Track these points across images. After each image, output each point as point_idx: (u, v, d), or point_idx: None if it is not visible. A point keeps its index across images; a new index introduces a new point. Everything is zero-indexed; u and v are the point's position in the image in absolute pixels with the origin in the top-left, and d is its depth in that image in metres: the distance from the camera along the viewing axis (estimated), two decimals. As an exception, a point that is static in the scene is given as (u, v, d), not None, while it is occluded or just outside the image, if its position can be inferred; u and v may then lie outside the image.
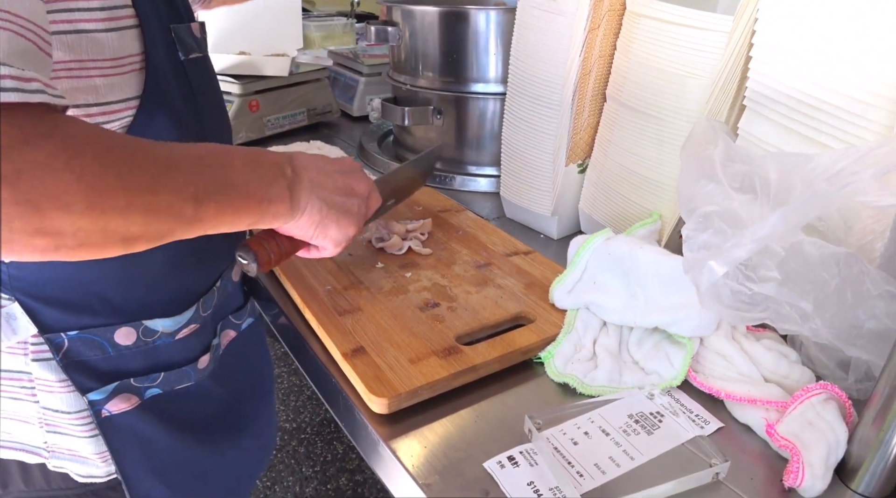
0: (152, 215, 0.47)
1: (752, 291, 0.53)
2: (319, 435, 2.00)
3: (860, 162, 0.48)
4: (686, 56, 0.76)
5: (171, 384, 0.70)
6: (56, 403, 0.65)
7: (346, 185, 0.65)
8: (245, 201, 0.54)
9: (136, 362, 0.67)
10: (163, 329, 0.67)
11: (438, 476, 0.56)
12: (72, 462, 0.68)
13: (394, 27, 1.23)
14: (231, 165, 0.54)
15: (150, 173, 0.47)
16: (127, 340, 0.65)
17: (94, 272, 0.61)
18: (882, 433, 0.54)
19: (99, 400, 0.65)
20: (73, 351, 0.63)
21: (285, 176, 0.59)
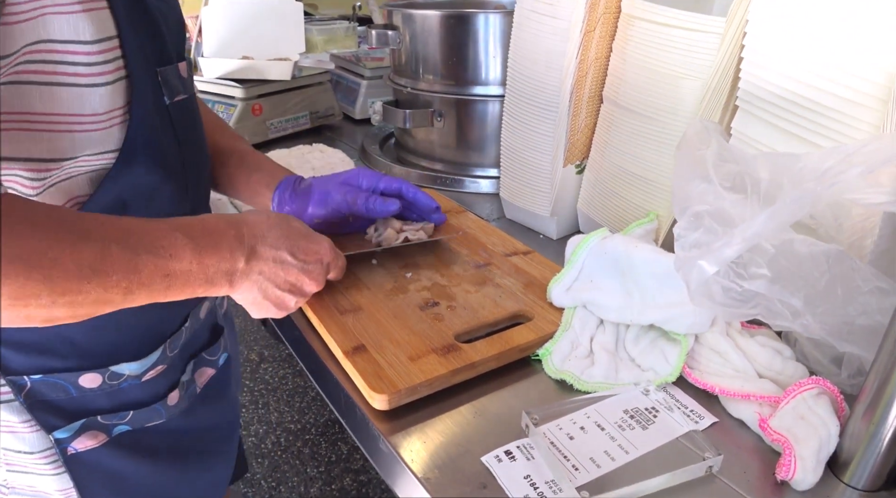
0: (77, 306, 0.48)
1: (743, 288, 0.54)
2: (324, 436, 2.01)
3: (847, 161, 0.49)
4: (680, 58, 0.77)
5: (140, 422, 0.69)
6: (18, 444, 0.63)
7: (296, 282, 0.66)
8: (181, 289, 0.55)
9: (102, 402, 0.66)
10: (129, 372, 0.66)
11: (437, 470, 0.57)
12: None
13: (394, 31, 1.25)
14: (178, 256, 0.54)
15: (80, 276, 0.47)
16: (92, 383, 0.65)
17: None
18: (872, 427, 0.55)
19: (65, 438, 0.64)
20: (35, 392, 0.62)
21: (235, 269, 0.59)
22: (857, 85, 0.58)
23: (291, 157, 1.33)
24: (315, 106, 1.54)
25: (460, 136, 1.24)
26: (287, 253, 0.64)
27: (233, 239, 0.59)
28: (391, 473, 0.61)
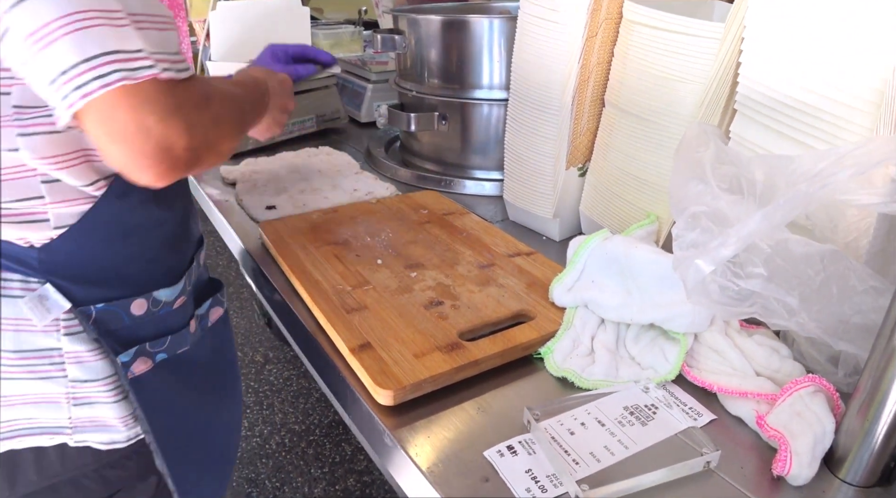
0: (244, 135, 0.82)
1: (740, 286, 0.56)
2: (328, 437, 2.03)
3: (839, 163, 0.51)
4: (680, 62, 0.79)
5: (173, 349, 0.80)
6: (85, 374, 0.72)
7: (283, 105, 1.02)
8: (257, 120, 0.90)
9: (147, 330, 0.76)
10: (165, 298, 0.78)
11: (441, 464, 0.59)
12: (95, 432, 0.75)
13: (400, 35, 1.27)
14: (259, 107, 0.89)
15: (245, 115, 0.78)
16: (140, 310, 0.75)
17: (111, 252, 0.71)
18: (867, 424, 0.56)
19: (126, 362, 0.73)
20: (99, 321, 0.71)
21: (265, 102, 0.92)
22: (850, 89, 0.60)
23: (298, 159, 1.35)
24: (321, 109, 1.56)
25: (464, 139, 1.26)
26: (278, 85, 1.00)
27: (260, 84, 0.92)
28: (396, 467, 0.62)
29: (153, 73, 0.56)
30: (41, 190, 0.65)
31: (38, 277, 0.68)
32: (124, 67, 0.54)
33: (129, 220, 0.71)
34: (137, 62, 0.55)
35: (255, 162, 1.33)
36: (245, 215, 1.11)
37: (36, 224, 0.66)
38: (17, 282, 0.68)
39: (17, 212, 0.65)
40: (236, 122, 0.71)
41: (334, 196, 1.15)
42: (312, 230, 0.97)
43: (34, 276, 0.68)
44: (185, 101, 0.59)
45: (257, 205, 1.12)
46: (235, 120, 0.70)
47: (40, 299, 0.68)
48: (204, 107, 0.62)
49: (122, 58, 0.54)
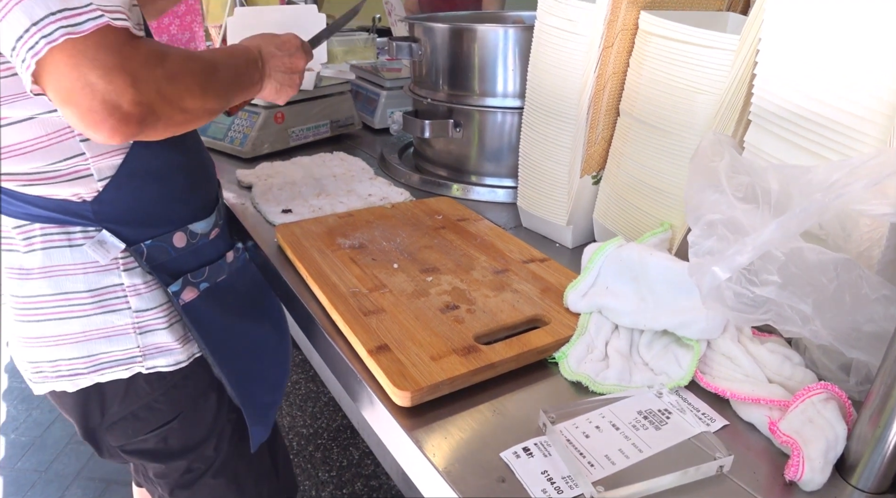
0: (221, 98, 0.80)
1: (754, 293, 0.57)
2: (335, 440, 2.04)
3: (853, 173, 0.52)
4: (695, 73, 0.80)
5: (213, 278, 0.93)
6: (143, 303, 0.85)
7: (291, 64, 0.99)
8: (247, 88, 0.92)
9: (189, 261, 0.90)
10: (201, 231, 0.91)
11: (458, 464, 0.60)
12: (161, 357, 0.88)
13: (416, 43, 1.28)
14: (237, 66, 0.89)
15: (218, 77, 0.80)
16: (181, 242, 0.88)
17: (147, 195, 0.83)
18: (878, 430, 0.57)
19: (177, 290, 0.86)
20: (150, 256, 0.85)
21: (258, 68, 0.93)
22: (863, 101, 0.61)
23: (313, 164, 1.37)
24: (335, 115, 1.58)
25: (478, 146, 1.27)
26: (276, 49, 0.97)
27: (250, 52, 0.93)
28: (412, 467, 0.64)
29: (101, 22, 0.60)
30: (81, 148, 0.75)
31: (94, 226, 0.80)
32: (69, 23, 0.59)
33: (156, 165, 0.82)
34: (84, 15, 0.60)
35: (271, 166, 1.34)
36: (260, 218, 1.12)
37: (83, 179, 0.77)
38: (79, 232, 0.80)
39: (65, 171, 0.76)
40: (203, 81, 0.74)
41: (349, 201, 1.16)
42: (328, 234, 0.98)
43: (91, 225, 0.80)
44: (132, 57, 0.63)
45: (273, 209, 1.13)
46: (202, 79, 0.74)
47: (100, 243, 0.80)
48: (156, 63, 0.66)
49: (68, 14, 0.59)
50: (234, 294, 0.98)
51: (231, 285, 0.98)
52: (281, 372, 1.10)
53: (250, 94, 0.94)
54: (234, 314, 0.97)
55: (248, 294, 1.02)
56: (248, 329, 1.00)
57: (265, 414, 1.03)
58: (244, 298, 1.01)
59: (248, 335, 1.00)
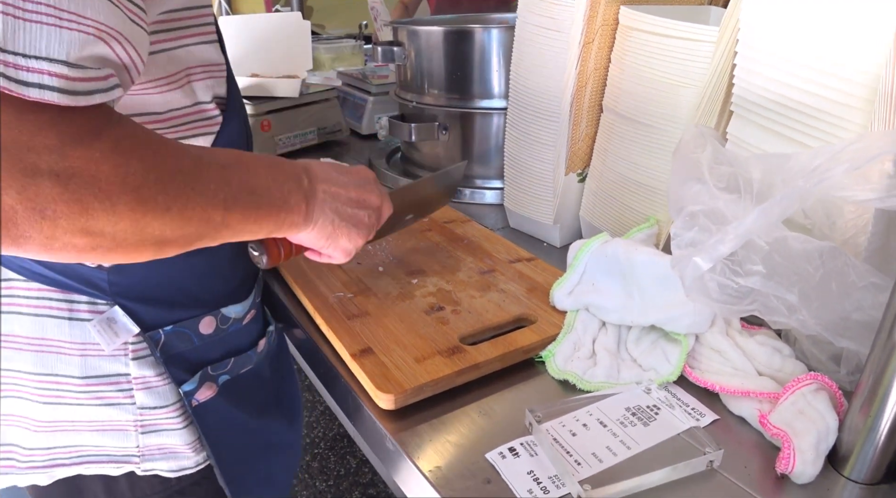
0: (186, 221, 0.49)
1: (739, 284, 0.56)
2: (332, 450, 2.02)
3: (835, 159, 0.51)
4: (676, 66, 0.79)
5: (236, 369, 0.78)
6: (152, 400, 0.70)
7: (358, 197, 0.68)
8: (267, 209, 0.57)
9: (214, 351, 0.75)
10: (234, 315, 0.76)
11: (443, 467, 0.58)
12: (163, 460, 0.73)
13: (399, 47, 1.28)
14: (254, 172, 0.56)
15: (187, 179, 0.49)
16: (209, 328, 0.73)
17: (181, 270, 0.69)
18: (870, 420, 0.56)
19: (190, 390, 0.71)
20: (168, 345, 0.70)
21: (302, 186, 0.61)
22: (844, 87, 0.60)
23: (300, 171, 1.35)
24: (322, 122, 1.57)
25: (465, 148, 1.26)
26: (335, 173, 0.67)
27: (287, 163, 0.62)
28: (397, 471, 0.62)
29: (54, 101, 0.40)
30: None
31: (106, 300, 0.66)
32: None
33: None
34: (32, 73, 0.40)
35: (258, 174, 1.33)
36: (247, 226, 1.11)
37: None
38: (85, 304, 0.65)
39: None
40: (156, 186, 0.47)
41: (336, 206, 1.15)
42: (314, 239, 0.97)
43: (102, 297, 0.65)
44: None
45: (259, 216, 1.12)
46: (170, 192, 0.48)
47: (108, 322, 0.66)
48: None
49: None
50: (256, 385, 0.83)
51: (255, 375, 0.82)
52: (287, 476, 0.95)
53: (283, 224, 0.60)
54: (252, 410, 0.82)
55: (271, 384, 0.87)
56: (263, 427, 0.84)
57: None
58: (267, 389, 0.86)
59: (262, 434, 0.84)
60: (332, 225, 0.65)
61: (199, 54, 0.65)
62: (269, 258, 0.68)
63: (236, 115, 0.71)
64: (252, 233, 0.57)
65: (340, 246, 0.68)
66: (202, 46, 0.66)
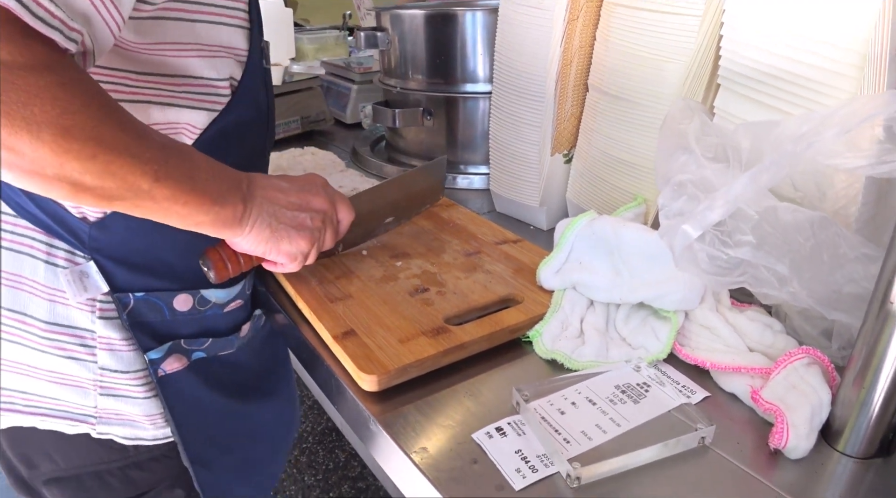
0: (109, 175, 0.50)
1: (729, 255, 0.55)
2: (321, 444, 2.00)
3: (824, 123, 0.50)
4: (662, 41, 0.78)
5: (215, 350, 0.77)
6: (115, 363, 0.70)
7: (300, 201, 0.68)
8: (199, 197, 0.57)
9: (188, 327, 0.74)
10: (215, 300, 0.75)
11: (428, 448, 0.57)
12: (119, 426, 0.72)
13: (382, 32, 1.26)
14: (195, 163, 0.58)
15: (123, 137, 0.51)
16: (184, 306, 0.72)
17: (164, 238, 0.67)
18: (863, 393, 0.55)
19: (157, 359, 0.71)
20: (136, 311, 0.70)
21: (241, 189, 0.62)
22: (833, 54, 0.59)
23: (283, 159, 1.33)
24: (306, 111, 1.55)
25: (450, 134, 1.25)
26: (277, 179, 0.68)
27: (229, 168, 0.62)
28: (382, 453, 0.61)
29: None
30: None
31: (84, 253, 0.67)
32: None
33: None
34: None
35: (239, 163, 1.31)
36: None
37: None
38: (64, 251, 0.67)
39: None
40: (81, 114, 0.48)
41: (319, 193, 1.13)
42: (296, 225, 0.95)
43: (81, 250, 0.67)
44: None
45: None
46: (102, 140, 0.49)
47: (80, 275, 0.66)
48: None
49: None
50: (238, 370, 0.81)
51: (237, 360, 0.80)
52: (273, 466, 0.93)
53: (216, 219, 0.59)
54: (233, 394, 0.80)
55: (257, 370, 0.85)
56: (246, 413, 0.82)
57: None
58: (251, 375, 0.84)
59: (244, 421, 0.82)
60: (270, 228, 0.65)
61: (220, 34, 0.66)
62: (216, 271, 0.67)
63: (250, 104, 0.71)
64: (179, 218, 0.57)
65: (283, 250, 0.67)
66: (227, 28, 0.67)
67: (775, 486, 0.53)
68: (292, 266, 0.70)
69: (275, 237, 0.65)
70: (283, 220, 0.66)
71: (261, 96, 0.75)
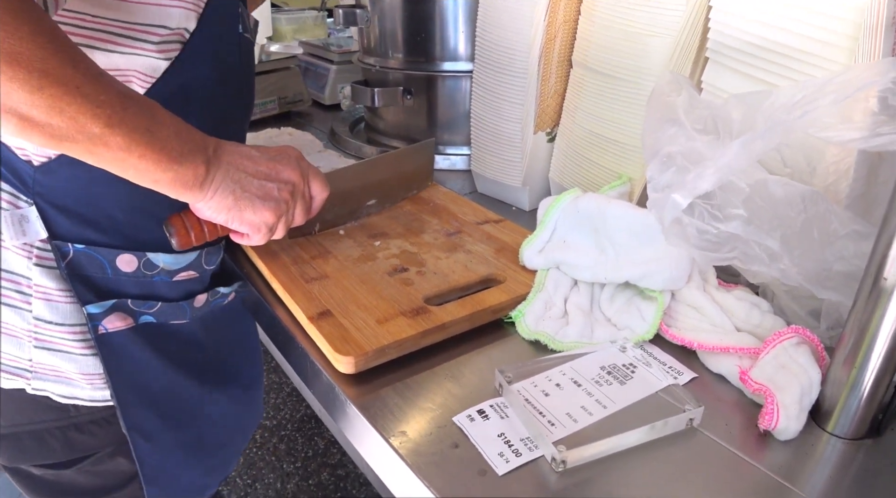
0: (57, 111, 0.48)
1: (719, 229, 0.53)
2: (300, 431, 1.98)
3: (819, 91, 0.48)
4: (648, 15, 0.75)
5: (166, 316, 0.72)
6: (51, 314, 0.66)
7: (269, 170, 0.64)
8: (157, 151, 0.54)
9: (133, 289, 0.69)
10: (163, 265, 0.70)
11: (407, 431, 0.55)
12: (55, 383, 0.69)
13: (362, 9, 1.22)
14: (157, 117, 0.54)
15: (74, 74, 0.48)
16: (128, 267, 0.68)
17: (111, 191, 0.64)
18: (854, 372, 0.54)
19: (97, 314, 0.66)
20: (76, 263, 0.65)
21: (206, 152, 0.58)
22: (824, 23, 0.57)
23: (259, 140, 1.30)
24: (283, 91, 1.51)
25: (430, 114, 1.22)
26: (247, 149, 0.64)
27: (197, 131, 0.59)
28: (359, 438, 0.58)
29: None
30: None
31: (27, 197, 0.63)
32: None
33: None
34: None
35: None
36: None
37: None
38: (7, 194, 0.63)
39: None
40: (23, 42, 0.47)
41: (296, 173, 1.10)
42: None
43: (24, 194, 0.63)
44: None
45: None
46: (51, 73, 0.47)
47: (20, 219, 0.63)
48: None
49: None
50: (195, 347, 0.77)
51: (193, 337, 0.76)
52: (226, 451, 0.88)
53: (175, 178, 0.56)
54: (184, 368, 0.76)
55: (216, 349, 0.80)
56: (198, 391, 0.78)
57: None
58: (207, 352, 0.79)
59: (196, 398, 0.78)
60: (234, 195, 0.61)
61: None
62: (178, 238, 0.64)
63: (208, 61, 0.66)
64: (135, 171, 0.54)
65: (246, 219, 0.63)
66: None
67: (765, 467, 0.52)
68: (258, 238, 0.66)
69: (238, 205, 0.62)
70: (249, 189, 0.62)
71: (230, 59, 0.70)
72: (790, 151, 0.60)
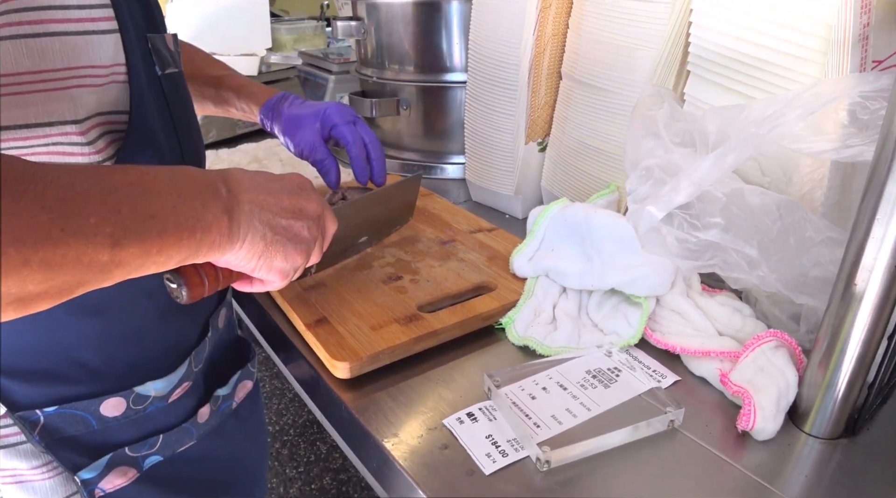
0: (55, 270, 0.36)
1: (698, 238, 0.55)
2: (302, 436, 2.00)
3: (788, 105, 0.50)
4: (633, 29, 0.78)
5: (171, 447, 0.61)
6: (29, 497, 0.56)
7: (294, 205, 0.53)
8: (174, 234, 0.42)
9: (127, 433, 0.58)
10: (155, 393, 0.59)
11: (399, 434, 0.57)
12: None
13: (359, 21, 1.25)
14: (153, 191, 0.42)
15: (52, 218, 0.36)
16: (115, 411, 0.57)
17: (71, 334, 0.53)
18: (829, 374, 0.56)
19: (91, 478, 0.56)
20: (51, 428, 0.54)
21: (220, 197, 0.47)
22: (798, 39, 0.59)
23: (259, 150, 1.32)
24: (282, 102, 1.53)
25: (426, 124, 1.24)
26: (262, 179, 0.53)
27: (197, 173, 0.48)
28: (354, 440, 0.61)
29: None
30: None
31: None
32: None
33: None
34: None
35: (216, 154, 1.30)
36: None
37: None
38: None
39: None
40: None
41: (295, 183, 1.12)
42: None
43: None
44: None
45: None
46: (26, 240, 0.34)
47: None
48: None
49: None
50: (203, 463, 0.66)
51: (203, 453, 0.65)
52: None
53: (201, 247, 0.45)
54: (195, 495, 0.66)
55: (225, 456, 0.69)
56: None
57: None
58: (218, 465, 0.68)
59: None
60: (265, 241, 0.50)
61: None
62: (190, 291, 0.51)
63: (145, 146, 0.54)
64: (160, 265, 0.43)
65: (275, 267, 0.52)
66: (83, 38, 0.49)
67: (743, 467, 0.54)
68: (279, 285, 0.54)
69: (269, 251, 0.50)
70: (279, 231, 0.51)
71: (156, 123, 0.56)
72: (767, 161, 0.62)
